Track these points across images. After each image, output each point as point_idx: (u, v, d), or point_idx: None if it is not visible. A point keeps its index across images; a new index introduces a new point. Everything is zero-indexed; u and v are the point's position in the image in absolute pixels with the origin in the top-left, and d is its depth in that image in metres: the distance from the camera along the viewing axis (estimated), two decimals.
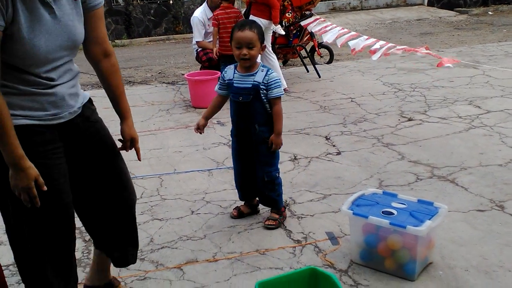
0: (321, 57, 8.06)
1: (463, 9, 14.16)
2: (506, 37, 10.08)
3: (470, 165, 4.07)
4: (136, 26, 13.57)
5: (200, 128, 3.30)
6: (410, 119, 5.30)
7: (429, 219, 2.58)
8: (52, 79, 2.01)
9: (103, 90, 2.31)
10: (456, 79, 6.60)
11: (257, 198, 3.49)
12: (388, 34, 11.22)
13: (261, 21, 6.12)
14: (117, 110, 2.33)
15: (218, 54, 6.41)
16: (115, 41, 12.98)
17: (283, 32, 6.65)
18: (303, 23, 6.62)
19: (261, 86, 3.11)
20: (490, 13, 13.82)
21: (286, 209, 3.46)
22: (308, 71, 7.69)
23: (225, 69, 3.27)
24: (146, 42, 13.41)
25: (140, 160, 2.46)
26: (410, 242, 2.59)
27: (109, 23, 13.27)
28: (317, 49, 7.84)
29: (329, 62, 8.31)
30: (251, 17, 6.15)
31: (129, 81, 8.18)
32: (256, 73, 3.13)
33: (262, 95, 3.12)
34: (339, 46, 5.66)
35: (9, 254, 2.52)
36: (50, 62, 1.99)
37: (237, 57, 3.11)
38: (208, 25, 7.00)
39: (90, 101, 2.28)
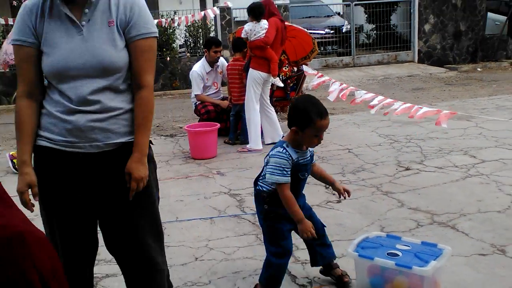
0: None
1: (452, 65, 14.53)
2: (496, 92, 10.33)
3: (469, 211, 4.14)
4: None
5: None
6: (407, 169, 5.39)
7: (434, 260, 2.63)
8: (71, 100, 2.13)
9: None
10: (450, 130, 6.74)
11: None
12: (380, 90, 11.46)
13: (260, 74, 6.29)
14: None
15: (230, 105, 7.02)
16: None
17: (281, 84, 6.82)
18: (305, 68, 6.86)
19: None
20: (479, 69, 14.20)
21: None
22: None
23: (284, 151, 2.84)
24: None
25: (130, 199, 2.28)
26: (416, 283, 2.62)
27: None
28: None
29: None
30: (251, 70, 6.32)
31: None
32: None
33: None
34: (344, 99, 5.84)
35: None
36: (72, 79, 2.13)
37: (312, 144, 2.89)
38: (207, 79, 7.21)
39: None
